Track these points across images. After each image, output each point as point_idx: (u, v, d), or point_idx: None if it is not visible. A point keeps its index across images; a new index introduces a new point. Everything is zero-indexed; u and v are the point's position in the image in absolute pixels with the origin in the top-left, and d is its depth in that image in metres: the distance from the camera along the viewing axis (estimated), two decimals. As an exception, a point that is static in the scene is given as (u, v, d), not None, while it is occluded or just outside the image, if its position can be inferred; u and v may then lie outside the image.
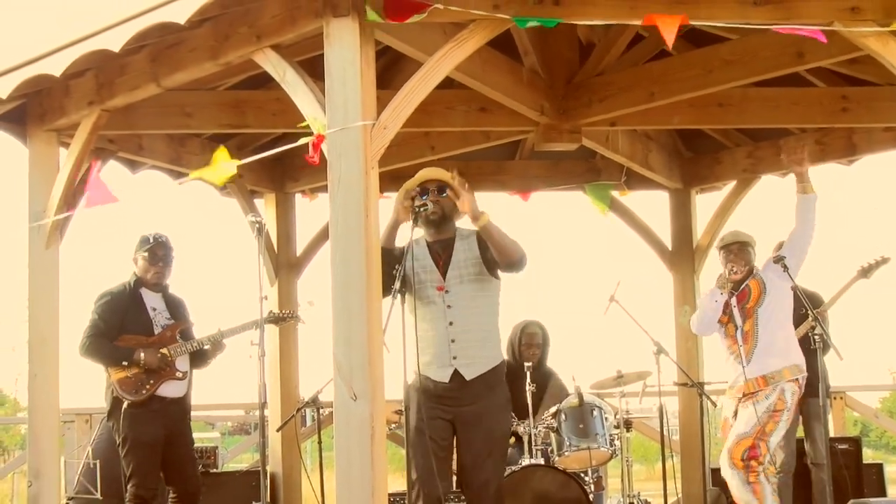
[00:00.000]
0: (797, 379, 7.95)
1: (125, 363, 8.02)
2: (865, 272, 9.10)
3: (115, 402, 8.08)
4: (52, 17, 7.36)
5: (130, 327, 8.19)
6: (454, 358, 6.72)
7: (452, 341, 6.73)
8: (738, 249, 8.23)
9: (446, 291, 6.78)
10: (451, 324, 6.74)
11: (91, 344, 8.06)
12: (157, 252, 8.35)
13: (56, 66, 7.05)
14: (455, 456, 6.88)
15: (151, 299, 8.37)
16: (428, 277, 6.79)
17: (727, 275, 8.05)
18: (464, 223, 7.01)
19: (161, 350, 8.12)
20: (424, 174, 6.89)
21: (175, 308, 8.48)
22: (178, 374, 8.22)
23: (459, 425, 6.73)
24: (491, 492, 6.73)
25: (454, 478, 7.23)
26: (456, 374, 6.72)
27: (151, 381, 8.07)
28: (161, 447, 8.11)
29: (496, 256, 6.74)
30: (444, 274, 6.81)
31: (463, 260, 6.86)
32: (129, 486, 8.05)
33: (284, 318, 9.01)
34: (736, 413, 7.98)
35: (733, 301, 7.97)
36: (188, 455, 8.42)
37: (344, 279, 5.98)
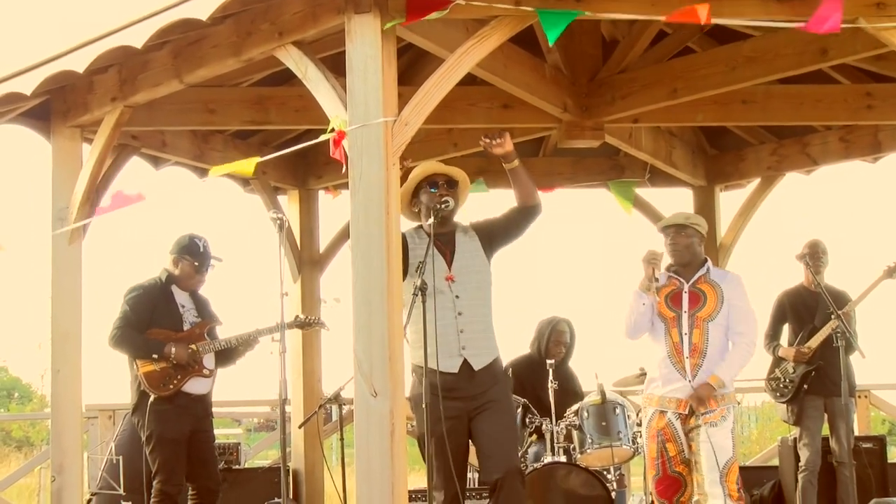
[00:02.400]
0: (734, 405, 7.32)
1: (155, 356, 8.02)
2: (892, 272, 9.03)
3: (141, 397, 8.09)
4: (75, 13, 7.39)
5: (160, 321, 8.19)
6: (463, 348, 6.70)
7: (461, 331, 6.71)
8: (675, 232, 7.43)
9: (454, 282, 6.78)
10: (459, 314, 6.73)
11: (122, 335, 8.06)
12: (206, 262, 8.40)
13: (79, 63, 7.07)
14: (473, 449, 6.85)
15: (181, 296, 8.39)
16: (434, 268, 6.60)
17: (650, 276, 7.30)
18: (459, 217, 7.07)
19: (190, 346, 8.14)
20: (428, 168, 6.95)
21: (202, 307, 8.50)
22: (206, 372, 8.23)
23: (475, 416, 6.69)
24: (518, 475, 6.68)
25: (473, 474, 7.24)
26: (465, 364, 6.70)
27: (179, 377, 8.08)
28: (186, 443, 8.13)
29: (521, 200, 6.95)
30: (450, 264, 6.82)
31: (468, 252, 6.89)
32: (155, 482, 8.06)
33: (309, 324, 9.00)
34: (686, 432, 7.20)
35: (685, 303, 7.31)
36: (210, 452, 8.44)
37: (365, 276, 5.98)
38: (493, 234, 6.98)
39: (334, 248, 11.11)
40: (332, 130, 6.19)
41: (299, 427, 10.27)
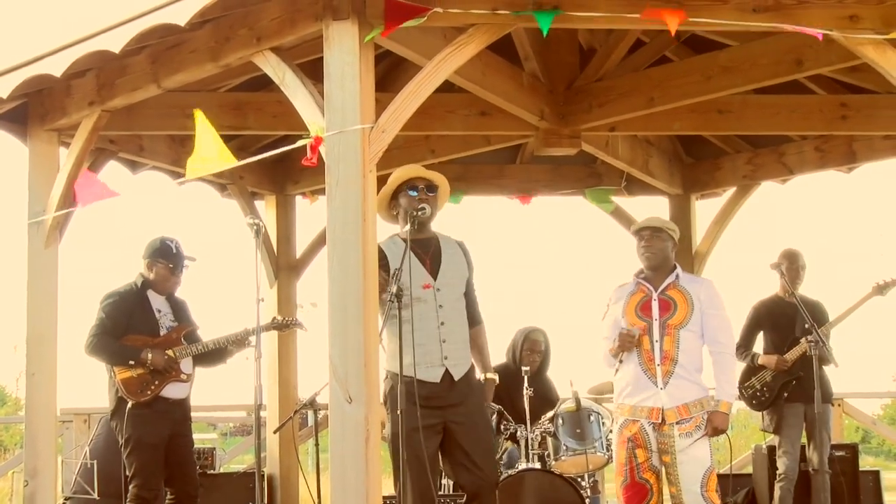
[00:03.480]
0: (707, 412, 7.23)
1: (132, 362, 8.03)
2: (881, 289, 9.08)
3: (119, 403, 8.09)
4: (53, 17, 7.39)
5: (136, 327, 8.20)
6: (446, 358, 6.75)
7: (444, 341, 6.76)
8: (649, 235, 7.36)
9: (438, 290, 6.82)
10: (442, 324, 6.78)
11: (98, 342, 8.06)
12: (180, 263, 8.42)
13: (57, 67, 7.07)
14: (446, 460, 6.86)
15: (157, 301, 8.39)
16: (415, 276, 6.66)
17: (641, 260, 7.36)
18: (437, 227, 7.12)
19: (167, 351, 8.14)
20: (411, 171, 6.96)
21: (179, 311, 8.50)
22: (183, 376, 8.24)
23: (453, 427, 6.71)
24: (494, 490, 6.79)
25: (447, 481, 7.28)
26: (446, 373, 6.74)
27: (157, 382, 8.09)
28: (164, 448, 8.14)
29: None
30: (434, 273, 6.85)
31: (453, 263, 6.95)
32: (131, 487, 8.05)
33: (287, 325, 9.00)
34: (659, 441, 7.15)
35: (655, 311, 7.25)
36: (188, 457, 8.45)
37: (341, 282, 5.99)
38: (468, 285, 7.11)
39: (311, 253, 11.12)
40: (310, 136, 6.21)
41: (274, 432, 10.27)
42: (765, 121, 9.50)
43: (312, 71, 6.91)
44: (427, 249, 6.91)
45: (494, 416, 8.54)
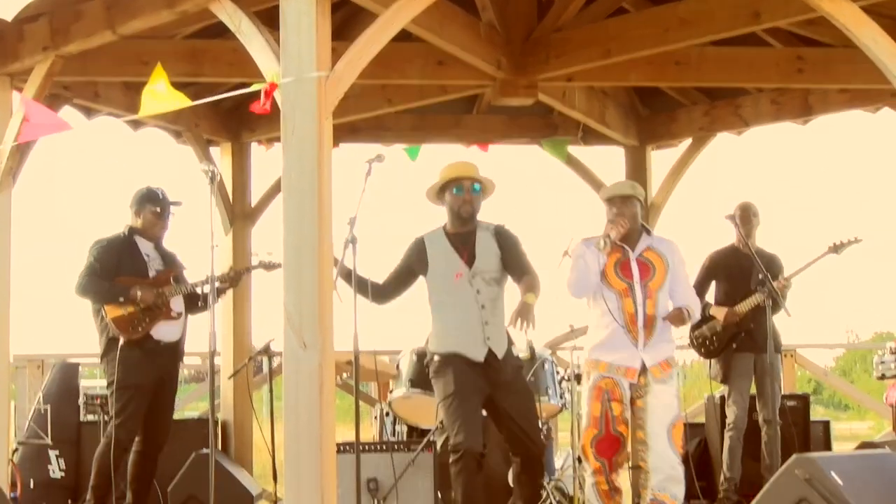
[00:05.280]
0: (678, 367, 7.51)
1: (121, 299, 8.10)
2: (836, 249, 9.09)
3: (110, 344, 8.16)
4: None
5: (125, 270, 8.27)
6: (488, 338, 7.24)
7: (486, 323, 7.25)
8: (620, 202, 7.46)
9: (473, 277, 7.29)
10: (482, 307, 7.26)
11: (87, 282, 8.13)
12: (167, 207, 8.49)
13: (8, 11, 7.01)
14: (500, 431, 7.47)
15: (145, 247, 8.47)
16: (451, 266, 7.33)
17: (610, 233, 7.34)
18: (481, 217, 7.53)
19: (157, 289, 8.21)
20: (460, 170, 7.41)
21: (168, 257, 8.59)
22: (174, 314, 8.32)
23: (501, 395, 7.25)
24: (541, 460, 7.42)
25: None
26: (490, 352, 7.23)
27: (147, 320, 8.16)
28: (150, 393, 8.20)
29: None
30: (470, 263, 7.32)
31: (487, 249, 7.38)
32: (110, 426, 8.15)
33: (274, 266, 8.92)
34: (633, 395, 7.29)
35: (635, 273, 7.33)
36: (168, 405, 8.55)
37: (296, 230, 5.98)
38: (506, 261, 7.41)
39: (266, 201, 11.09)
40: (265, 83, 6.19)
41: (229, 378, 10.29)
42: (721, 73, 9.54)
43: (269, 19, 6.85)
44: (466, 242, 7.40)
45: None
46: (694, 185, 12.19)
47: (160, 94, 6.78)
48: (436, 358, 7.31)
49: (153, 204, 8.44)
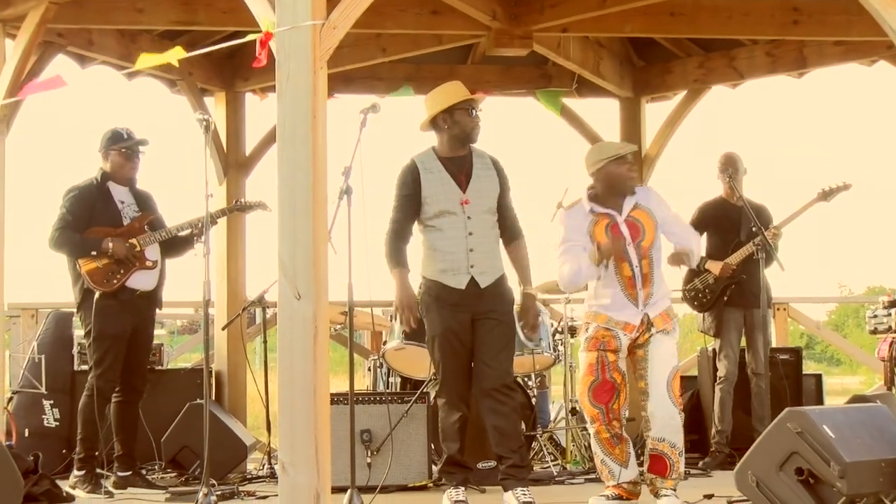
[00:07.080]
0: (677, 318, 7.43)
1: (94, 253, 8.08)
2: (826, 195, 9.07)
3: (86, 295, 8.16)
4: None
5: (99, 220, 8.24)
6: (471, 266, 7.10)
7: (471, 250, 7.10)
8: (633, 158, 7.44)
9: (467, 203, 7.13)
10: (470, 234, 7.11)
11: (60, 236, 8.11)
12: (134, 148, 8.42)
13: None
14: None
15: (119, 193, 8.42)
16: (444, 189, 7.13)
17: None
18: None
19: (130, 240, 8.18)
20: (467, 92, 7.24)
21: (143, 201, 8.54)
22: (149, 264, 8.29)
23: (476, 325, 7.13)
24: (508, 390, 7.18)
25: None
26: (472, 281, 7.10)
27: (122, 271, 8.15)
28: (126, 341, 8.22)
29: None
30: (464, 188, 7.14)
31: (484, 177, 7.22)
32: (90, 377, 8.17)
33: (251, 207, 8.99)
34: (633, 349, 7.20)
35: (626, 237, 7.14)
36: (145, 351, 8.57)
37: (290, 179, 5.96)
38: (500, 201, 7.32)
39: (261, 150, 11.05)
40: (260, 32, 6.16)
41: (222, 329, 10.28)
42: (716, 25, 9.55)
43: (264, -34, 6.82)
44: (462, 167, 7.20)
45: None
46: (688, 139, 12.14)
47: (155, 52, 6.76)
48: (422, 283, 7.27)
49: (119, 144, 8.37)
